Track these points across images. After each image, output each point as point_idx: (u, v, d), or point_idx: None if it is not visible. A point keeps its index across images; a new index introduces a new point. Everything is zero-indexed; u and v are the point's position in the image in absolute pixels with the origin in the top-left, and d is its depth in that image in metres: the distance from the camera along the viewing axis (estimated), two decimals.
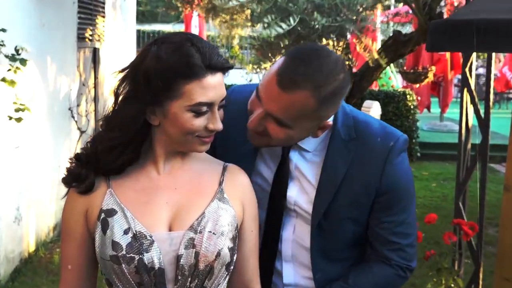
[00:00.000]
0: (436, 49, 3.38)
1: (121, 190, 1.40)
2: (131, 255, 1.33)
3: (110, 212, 1.37)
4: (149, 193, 1.40)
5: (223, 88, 1.38)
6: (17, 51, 3.71)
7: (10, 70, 3.69)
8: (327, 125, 1.53)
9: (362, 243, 1.64)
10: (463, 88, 3.71)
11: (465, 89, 3.68)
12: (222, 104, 1.40)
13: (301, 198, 1.60)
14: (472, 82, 3.65)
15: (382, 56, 3.83)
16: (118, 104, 1.38)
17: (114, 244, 1.34)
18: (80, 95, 6.12)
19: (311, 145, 1.59)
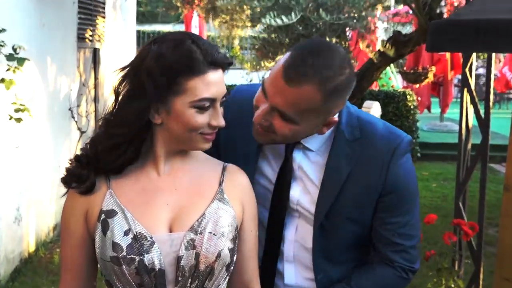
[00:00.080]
0: (436, 49, 3.38)
1: (121, 191, 1.40)
2: (132, 256, 1.32)
3: (110, 213, 1.37)
4: (149, 194, 1.40)
5: (224, 85, 1.39)
6: (14, 50, 3.69)
7: (9, 70, 3.69)
8: (333, 121, 1.51)
9: (364, 244, 1.62)
10: (463, 88, 3.71)
11: (465, 89, 3.68)
12: (223, 101, 1.40)
13: (304, 198, 1.58)
14: (472, 82, 3.65)
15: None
16: (118, 103, 1.38)
17: (115, 245, 1.33)
18: (80, 95, 6.12)
19: (315, 144, 1.58)
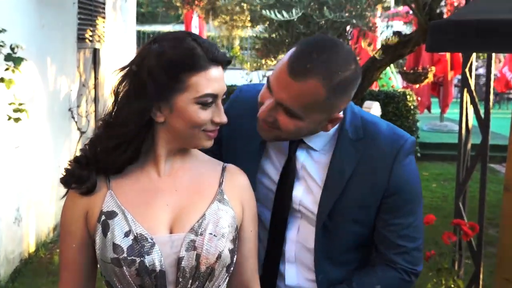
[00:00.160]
0: (436, 49, 3.38)
1: (121, 192, 1.40)
2: (132, 257, 1.32)
3: (111, 214, 1.37)
4: (149, 195, 1.40)
5: (224, 82, 1.40)
6: (12, 49, 3.69)
7: (7, 70, 3.69)
8: (338, 118, 1.50)
9: (367, 245, 1.61)
10: (463, 88, 3.71)
11: (465, 89, 3.68)
12: (223, 99, 1.42)
13: (306, 198, 1.57)
14: (472, 82, 3.65)
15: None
16: (118, 103, 1.38)
17: (115, 247, 1.33)
18: (80, 95, 6.12)
19: (319, 143, 1.57)
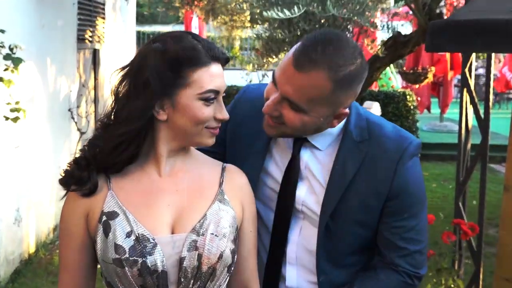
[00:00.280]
0: (435, 49, 3.37)
1: (122, 192, 1.40)
2: (134, 258, 1.32)
3: (112, 214, 1.37)
4: (150, 195, 1.40)
5: (224, 79, 1.41)
6: (11, 49, 3.70)
7: (7, 70, 3.69)
8: (344, 113, 1.49)
9: (369, 248, 1.59)
10: (462, 88, 3.71)
11: (464, 89, 3.68)
12: (223, 96, 1.43)
13: (309, 198, 1.56)
14: (471, 82, 3.66)
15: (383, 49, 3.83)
16: (119, 102, 1.38)
17: (117, 247, 1.33)
18: (80, 96, 6.12)
19: (323, 143, 1.56)
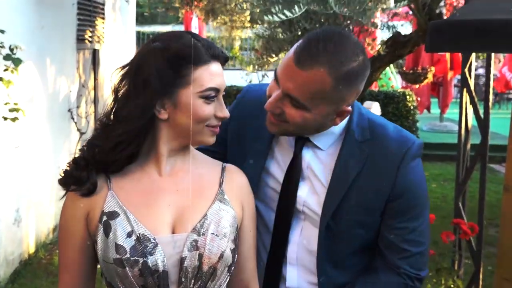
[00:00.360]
0: (435, 49, 3.37)
1: (122, 192, 1.40)
2: (135, 258, 1.32)
3: (112, 214, 1.36)
4: (151, 195, 1.40)
5: (224, 78, 1.41)
6: (11, 50, 3.70)
7: (6, 70, 3.69)
8: (346, 111, 1.48)
9: (370, 249, 1.58)
10: (462, 88, 3.71)
11: (464, 89, 3.68)
12: (223, 95, 1.43)
13: (311, 198, 1.56)
14: (471, 82, 3.65)
15: (383, 48, 3.84)
16: (119, 102, 1.38)
17: (118, 247, 1.33)
18: (79, 96, 6.12)
19: (325, 142, 1.56)
